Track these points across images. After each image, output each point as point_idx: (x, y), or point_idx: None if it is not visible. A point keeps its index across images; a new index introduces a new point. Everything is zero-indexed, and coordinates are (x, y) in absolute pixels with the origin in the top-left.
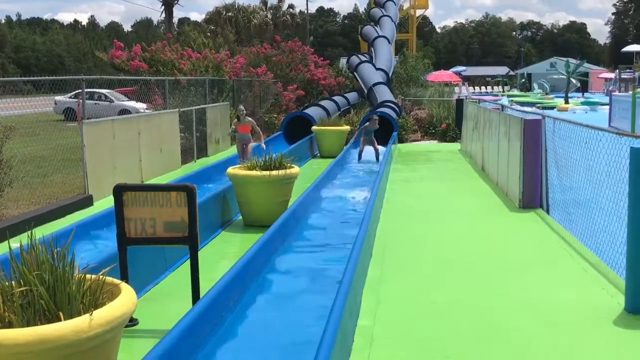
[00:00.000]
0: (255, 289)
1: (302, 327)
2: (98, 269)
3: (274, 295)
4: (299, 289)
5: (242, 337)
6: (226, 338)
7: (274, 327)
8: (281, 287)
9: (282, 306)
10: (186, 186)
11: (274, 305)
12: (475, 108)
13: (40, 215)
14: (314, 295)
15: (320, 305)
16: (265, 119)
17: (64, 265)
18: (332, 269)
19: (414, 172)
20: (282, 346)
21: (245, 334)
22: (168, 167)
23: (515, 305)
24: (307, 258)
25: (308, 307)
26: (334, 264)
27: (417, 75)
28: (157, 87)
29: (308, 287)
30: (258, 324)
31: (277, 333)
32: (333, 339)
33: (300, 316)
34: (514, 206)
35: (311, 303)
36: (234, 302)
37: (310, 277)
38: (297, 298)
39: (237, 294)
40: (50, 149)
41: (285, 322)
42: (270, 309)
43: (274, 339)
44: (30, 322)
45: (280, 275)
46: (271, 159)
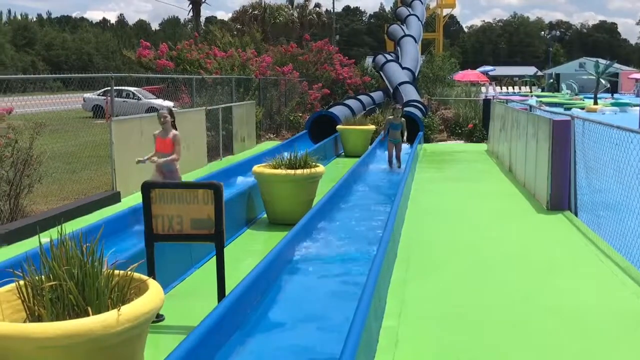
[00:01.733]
0: (279, 287)
1: (325, 326)
2: (126, 265)
3: (297, 295)
4: (323, 290)
5: (266, 335)
6: (250, 336)
7: (297, 326)
8: (305, 287)
9: (305, 305)
10: (213, 184)
11: (297, 304)
12: (503, 108)
13: (69, 211)
14: (338, 295)
15: (345, 307)
16: (291, 117)
17: (92, 260)
18: (356, 269)
19: (440, 172)
20: (305, 347)
21: (268, 332)
22: (195, 165)
23: (542, 309)
24: (332, 258)
25: (332, 308)
26: (359, 263)
27: (443, 74)
28: (184, 85)
29: (332, 288)
30: (282, 322)
31: (300, 333)
32: (358, 339)
33: (324, 316)
34: (541, 208)
35: (335, 305)
36: (259, 300)
37: (334, 276)
38: (322, 299)
39: (262, 292)
40: (78, 145)
41: (308, 321)
42: (294, 308)
43: (297, 339)
44: (59, 316)
45: (304, 275)
46: (296, 158)
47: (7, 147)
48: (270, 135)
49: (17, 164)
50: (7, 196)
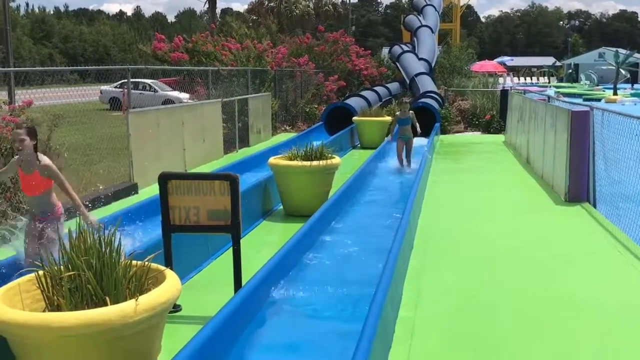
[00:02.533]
0: (294, 279)
1: (341, 316)
2: (143, 256)
3: (313, 286)
4: (339, 280)
5: (281, 326)
6: (266, 327)
7: (313, 316)
8: (321, 278)
9: (321, 297)
10: (229, 175)
11: (313, 295)
12: (521, 99)
13: (87, 202)
14: (353, 287)
15: (360, 297)
16: (306, 109)
17: (110, 251)
18: (373, 260)
19: (457, 163)
20: (322, 335)
21: (284, 323)
22: (211, 157)
23: (560, 301)
24: (347, 250)
25: (347, 299)
26: (376, 254)
27: (460, 65)
28: (200, 77)
29: (348, 279)
30: (297, 312)
31: (316, 323)
32: (374, 329)
33: (340, 307)
34: (559, 199)
35: (350, 295)
36: (275, 291)
37: (350, 267)
38: (337, 289)
39: (278, 283)
40: (96, 137)
41: (324, 312)
42: (310, 299)
43: (313, 329)
44: (77, 306)
45: (320, 267)
46: (312, 149)
47: None
48: (286, 127)
49: None
50: None
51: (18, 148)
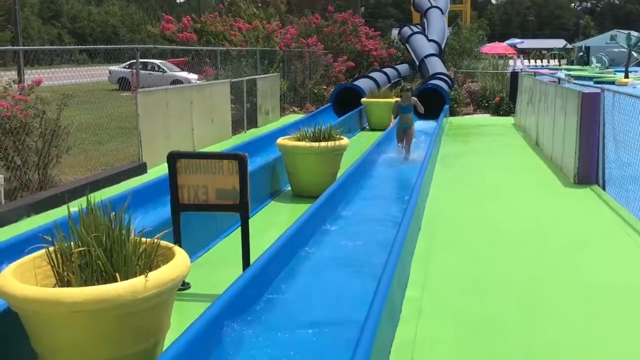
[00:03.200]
0: (302, 259)
1: (347, 295)
2: (152, 233)
3: (319, 266)
4: (346, 260)
5: (289, 304)
6: (274, 304)
7: (320, 295)
8: (327, 258)
9: (326, 276)
10: (237, 155)
11: (319, 274)
12: (531, 81)
13: (96, 182)
14: (359, 267)
15: (365, 281)
16: (315, 90)
17: (120, 228)
18: (379, 240)
19: (466, 145)
20: (327, 314)
21: (292, 301)
22: (219, 137)
23: (568, 283)
24: (354, 230)
25: (353, 277)
26: (382, 235)
27: (470, 47)
28: (209, 58)
29: (354, 259)
30: (304, 292)
31: (322, 301)
32: (381, 308)
33: (346, 285)
34: (568, 182)
35: (356, 274)
36: (283, 269)
37: (356, 249)
38: (343, 268)
39: (286, 262)
40: (105, 117)
41: (331, 290)
42: (316, 278)
43: (318, 307)
44: (88, 282)
45: (327, 247)
46: (320, 130)
47: (35, 118)
48: (295, 108)
49: (45, 135)
50: (36, 166)
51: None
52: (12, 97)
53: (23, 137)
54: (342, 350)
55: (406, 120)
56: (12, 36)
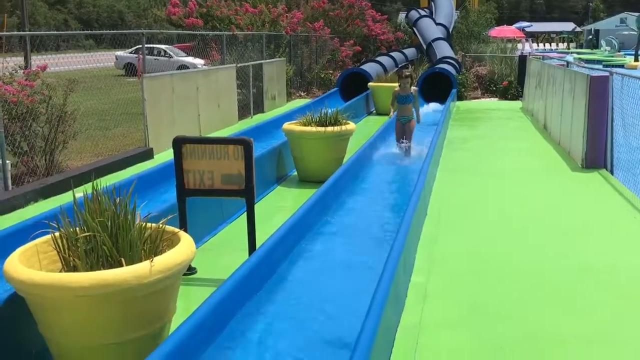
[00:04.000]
0: (308, 243)
1: (352, 278)
2: (158, 219)
3: (325, 250)
4: (351, 244)
5: (294, 289)
6: (279, 288)
7: (325, 280)
8: (332, 243)
9: (331, 261)
10: (243, 140)
11: (325, 259)
12: (539, 64)
13: (102, 167)
14: (365, 249)
15: (371, 266)
16: (321, 75)
17: (125, 213)
18: (384, 226)
19: (473, 130)
20: (332, 298)
21: (297, 286)
22: (225, 122)
23: (574, 267)
24: (360, 215)
25: (358, 262)
26: (387, 221)
27: (478, 30)
28: (215, 42)
29: (359, 243)
30: (309, 278)
31: (326, 285)
32: (386, 293)
33: (351, 270)
34: (576, 166)
35: (362, 257)
36: (288, 254)
37: (362, 233)
38: (348, 252)
39: (292, 247)
40: (111, 103)
41: (336, 276)
42: (321, 263)
43: (323, 291)
44: (93, 267)
45: (332, 231)
46: (327, 115)
47: (41, 103)
48: (301, 93)
49: (51, 120)
50: (43, 152)
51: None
52: (18, 82)
53: (30, 123)
54: (346, 333)
55: (404, 112)
56: (19, 21)
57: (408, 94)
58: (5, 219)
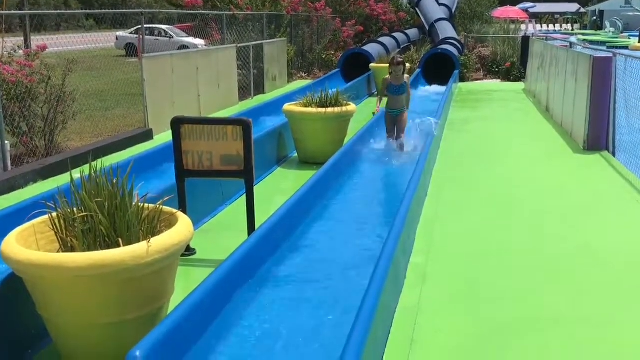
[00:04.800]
0: (307, 224)
1: (351, 257)
2: (157, 200)
3: (324, 230)
4: (350, 225)
5: (295, 268)
6: (279, 269)
7: (325, 258)
8: (332, 223)
9: (332, 240)
10: (242, 120)
11: (325, 237)
12: (542, 45)
13: (102, 148)
14: (363, 231)
15: (369, 247)
16: (323, 55)
17: (123, 194)
18: (384, 207)
19: (475, 111)
20: (333, 275)
21: (297, 265)
22: (226, 103)
23: (573, 248)
24: (360, 196)
25: (357, 241)
26: (387, 203)
27: (481, 11)
28: (215, 22)
29: (358, 223)
30: (309, 256)
31: (327, 265)
32: (385, 274)
33: (350, 248)
34: (578, 148)
35: (361, 239)
36: (288, 234)
37: (362, 214)
38: (347, 233)
39: (291, 227)
40: (111, 83)
41: (336, 254)
42: (322, 242)
43: (324, 269)
44: (91, 247)
45: (331, 212)
46: (327, 96)
47: (40, 83)
48: (302, 74)
49: (50, 101)
50: (42, 132)
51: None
52: (17, 62)
53: (29, 103)
54: (337, 312)
55: (396, 104)
56: (19, 1)
57: (401, 84)
58: (4, 200)
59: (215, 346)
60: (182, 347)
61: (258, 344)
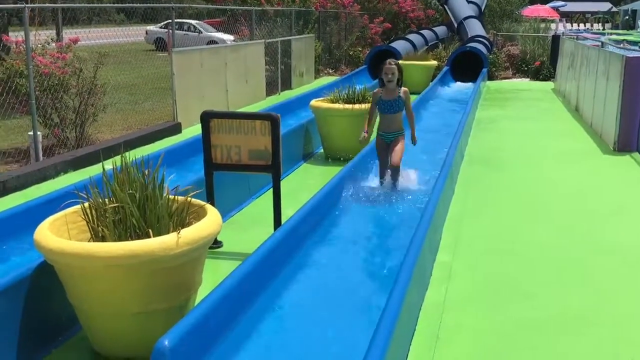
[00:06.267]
0: (332, 220)
1: (378, 255)
2: (186, 192)
3: (350, 226)
4: (376, 222)
5: (320, 263)
6: (305, 262)
7: (351, 254)
8: (356, 220)
9: (357, 238)
10: (270, 115)
11: (350, 234)
12: (573, 45)
13: (131, 140)
14: (388, 230)
15: (397, 243)
16: (350, 52)
17: (154, 186)
18: (411, 205)
19: (503, 110)
20: (358, 271)
21: (323, 259)
22: (253, 99)
23: (601, 250)
24: (386, 194)
25: (383, 238)
26: (414, 201)
27: (511, 9)
28: (244, 18)
29: (385, 221)
30: (336, 250)
31: (353, 260)
32: (411, 271)
33: (377, 246)
34: (608, 149)
35: (387, 236)
36: (314, 229)
37: (387, 210)
38: (372, 229)
39: (317, 222)
40: (141, 77)
41: (362, 249)
42: (348, 239)
43: (349, 265)
44: (121, 237)
45: (357, 209)
46: (354, 92)
47: (72, 76)
48: (329, 70)
49: (82, 93)
50: (73, 124)
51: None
52: (50, 55)
53: (61, 95)
54: (363, 309)
55: (390, 125)
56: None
57: (395, 98)
58: (37, 189)
59: (242, 338)
60: (209, 338)
61: (285, 335)
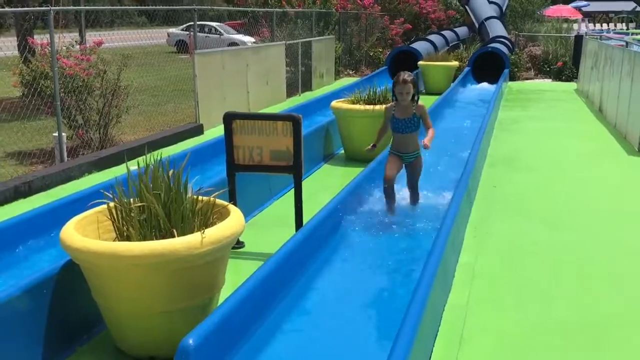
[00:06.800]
0: (353, 220)
1: (397, 255)
2: (208, 193)
3: (371, 227)
4: (396, 223)
5: (342, 263)
6: (326, 263)
7: (371, 255)
8: (377, 221)
9: (378, 237)
10: (292, 116)
11: (372, 235)
12: (596, 45)
13: (154, 142)
14: (409, 228)
15: (418, 243)
16: (370, 53)
17: (178, 186)
18: (432, 207)
19: (525, 111)
20: (378, 272)
21: (344, 261)
22: (274, 100)
23: (627, 251)
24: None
25: (404, 238)
26: (434, 203)
27: (533, 9)
28: (265, 20)
29: (405, 219)
30: (357, 252)
31: (374, 261)
32: (434, 273)
33: (398, 246)
34: (632, 150)
35: (407, 234)
36: (335, 230)
37: (407, 210)
38: (394, 230)
39: (338, 223)
40: (163, 79)
41: (382, 251)
42: (369, 240)
43: (372, 265)
44: (146, 237)
45: (377, 210)
46: (375, 93)
47: (97, 77)
48: (350, 72)
49: (105, 95)
50: (97, 125)
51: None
52: (75, 57)
53: (85, 97)
54: (387, 309)
55: (404, 144)
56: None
57: (409, 117)
58: (61, 189)
59: (265, 338)
60: (233, 337)
61: (308, 335)
